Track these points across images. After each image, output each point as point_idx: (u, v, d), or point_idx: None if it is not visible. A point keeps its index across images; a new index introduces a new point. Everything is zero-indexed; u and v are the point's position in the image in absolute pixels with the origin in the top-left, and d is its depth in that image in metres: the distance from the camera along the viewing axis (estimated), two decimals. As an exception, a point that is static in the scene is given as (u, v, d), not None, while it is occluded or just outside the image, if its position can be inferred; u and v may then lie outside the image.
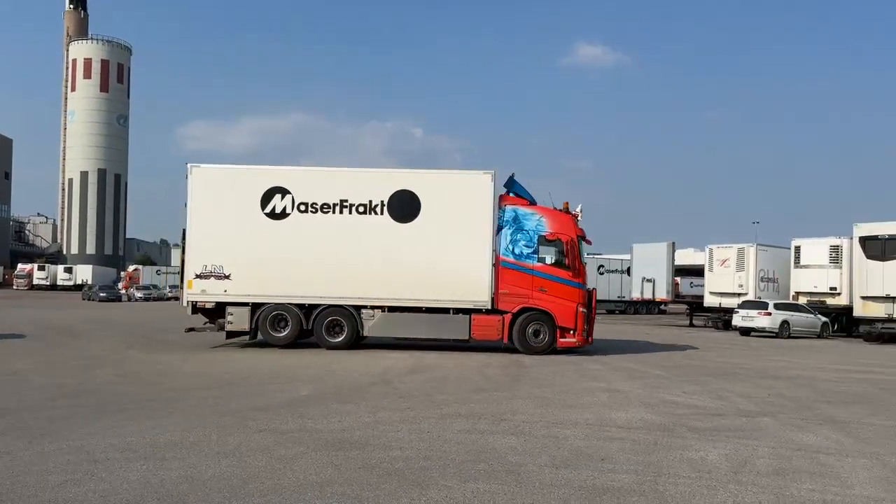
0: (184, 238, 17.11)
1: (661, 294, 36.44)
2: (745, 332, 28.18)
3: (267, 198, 16.89)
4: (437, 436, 7.48)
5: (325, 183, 17.17)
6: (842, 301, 28.56)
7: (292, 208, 16.91)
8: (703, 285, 33.74)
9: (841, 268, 28.69)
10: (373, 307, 16.91)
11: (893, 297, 25.12)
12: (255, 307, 16.88)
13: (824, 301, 29.04)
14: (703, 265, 33.93)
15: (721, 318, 31.94)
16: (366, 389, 10.76)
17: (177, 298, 64.62)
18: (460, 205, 17.06)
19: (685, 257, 40.84)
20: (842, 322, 29.23)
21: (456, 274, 16.84)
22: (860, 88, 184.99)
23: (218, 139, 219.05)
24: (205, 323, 17.38)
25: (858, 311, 26.62)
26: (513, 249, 17.10)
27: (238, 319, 16.86)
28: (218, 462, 6.27)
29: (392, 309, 16.92)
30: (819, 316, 28.44)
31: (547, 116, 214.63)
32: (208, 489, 5.47)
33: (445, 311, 16.90)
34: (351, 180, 17.25)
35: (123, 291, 64.12)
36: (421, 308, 16.88)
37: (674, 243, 36.71)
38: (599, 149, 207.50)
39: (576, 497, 5.50)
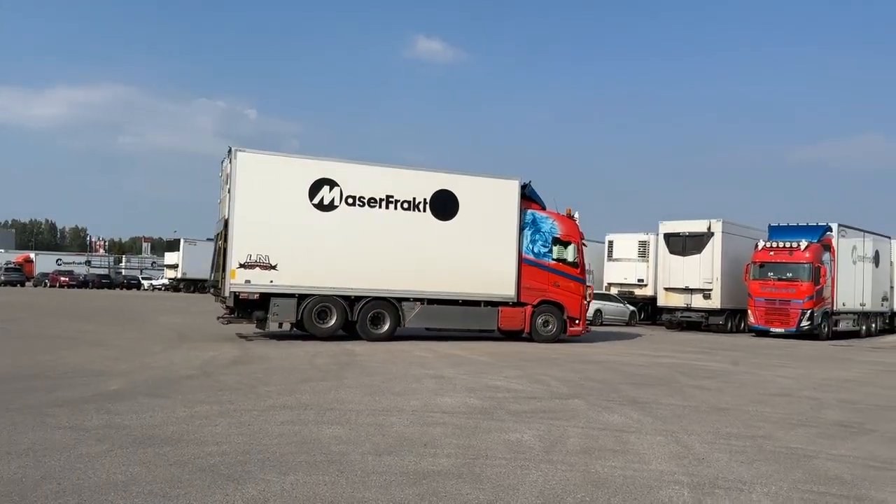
0: (225, 226, 16.43)
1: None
2: (564, 320, 29.91)
3: (315, 188, 16.93)
4: (259, 429, 7.24)
5: (373, 178, 17.66)
6: (648, 292, 31.16)
7: (340, 201, 17.11)
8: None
9: (648, 261, 31.27)
10: (414, 299, 17.69)
11: (691, 289, 27.79)
12: (300, 298, 16.71)
13: (633, 292, 31.53)
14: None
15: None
16: (183, 382, 10.19)
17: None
18: (492, 206, 18.67)
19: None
20: (647, 311, 31.91)
21: (488, 269, 18.42)
22: (678, 97, 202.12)
23: (21, 109, 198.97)
24: (225, 314, 16.76)
25: (662, 301, 29.20)
26: (532, 248, 19.08)
27: (284, 311, 16.68)
28: (7, 463, 5.66)
29: (430, 301, 17.83)
30: (628, 305, 30.82)
31: (386, 106, 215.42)
32: (-7, 495, 4.93)
33: (476, 303, 18.30)
34: (397, 177, 17.98)
35: None
36: (457, 301, 18.10)
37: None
38: (435, 142, 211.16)
39: (396, 483, 5.55)
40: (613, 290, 31.64)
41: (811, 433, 8.22)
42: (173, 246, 63.82)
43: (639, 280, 31.46)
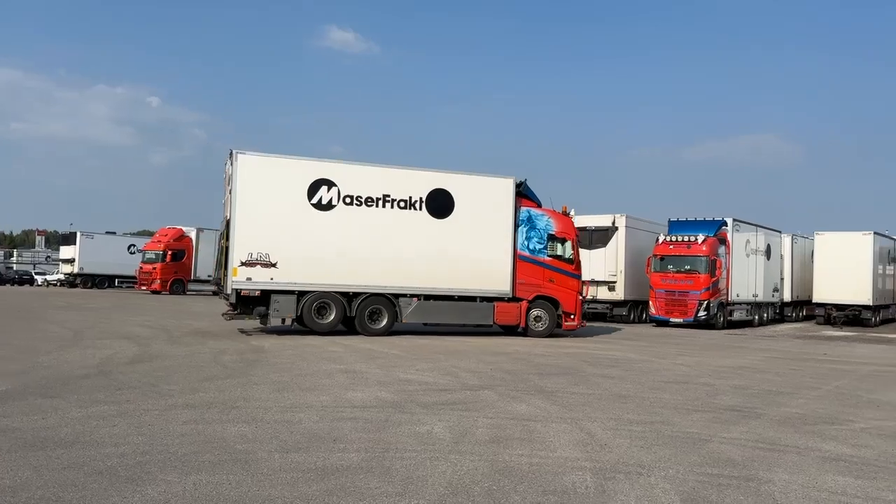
0: (227, 225, 16.99)
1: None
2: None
3: (314, 189, 17.38)
4: (160, 428, 6.99)
5: (370, 178, 18.07)
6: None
7: (338, 200, 17.56)
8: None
9: (557, 255, 31.93)
10: (411, 295, 18.09)
11: (597, 281, 28.60)
12: (299, 295, 17.15)
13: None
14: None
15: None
16: (79, 382, 9.71)
17: None
18: (488, 204, 19.08)
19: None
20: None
21: (484, 266, 18.87)
22: (592, 94, 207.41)
23: None
24: (228, 310, 17.29)
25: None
26: (528, 245, 19.49)
27: (284, 307, 17.12)
28: None
29: (427, 297, 18.28)
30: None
31: (296, 97, 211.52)
32: None
33: (472, 299, 18.75)
34: (393, 177, 18.36)
35: None
36: (453, 296, 18.57)
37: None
38: (348, 133, 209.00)
39: (304, 480, 5.47)
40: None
41: (706, 418, 8.63)
42: (69, 239, 60.57)
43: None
